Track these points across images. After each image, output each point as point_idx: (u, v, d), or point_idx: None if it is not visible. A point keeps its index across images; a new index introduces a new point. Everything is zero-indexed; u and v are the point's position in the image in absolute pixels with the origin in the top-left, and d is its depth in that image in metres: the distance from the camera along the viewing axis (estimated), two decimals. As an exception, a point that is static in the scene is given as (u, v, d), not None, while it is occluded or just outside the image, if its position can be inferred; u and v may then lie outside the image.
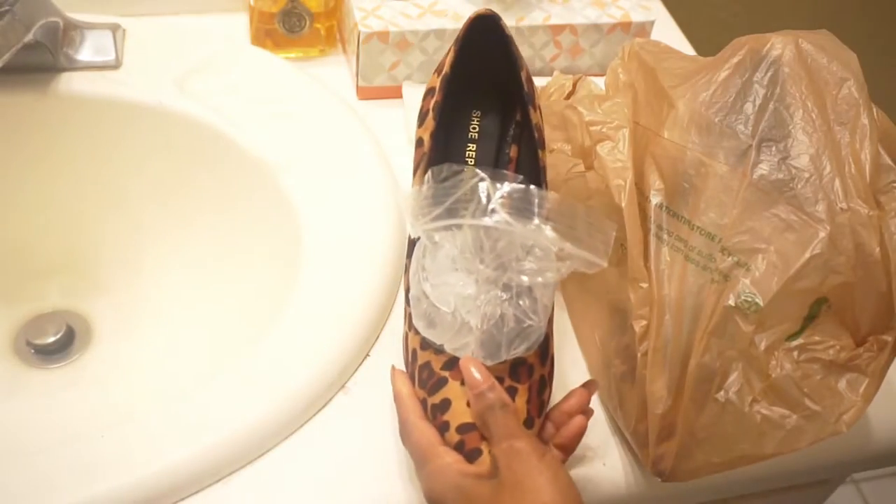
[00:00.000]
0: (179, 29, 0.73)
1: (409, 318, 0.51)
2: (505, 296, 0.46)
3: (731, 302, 0.47)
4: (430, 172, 0.46)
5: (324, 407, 0.53)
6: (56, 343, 0.66)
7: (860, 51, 0.52)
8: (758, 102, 0.50)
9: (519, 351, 0.47)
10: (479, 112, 0.58)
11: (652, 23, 0.76)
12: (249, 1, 0.74)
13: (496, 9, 0.73)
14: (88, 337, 0.68)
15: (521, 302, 0.46)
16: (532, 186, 0.44)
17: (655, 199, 0.51)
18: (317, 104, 0.68)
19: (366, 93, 0.74)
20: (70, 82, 0.66)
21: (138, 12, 0.74)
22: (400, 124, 0.72)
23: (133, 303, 0.69)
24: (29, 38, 0.61)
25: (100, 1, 0.73)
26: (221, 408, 0.51)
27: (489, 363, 0.47)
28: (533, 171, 0.54)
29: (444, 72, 0.54)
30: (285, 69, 0.71)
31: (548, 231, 0.43)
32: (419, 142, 0.54)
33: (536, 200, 0.44)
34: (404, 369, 0.52)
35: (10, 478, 0.47)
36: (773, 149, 0.49)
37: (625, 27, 0.75)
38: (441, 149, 0.56)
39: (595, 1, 0.76)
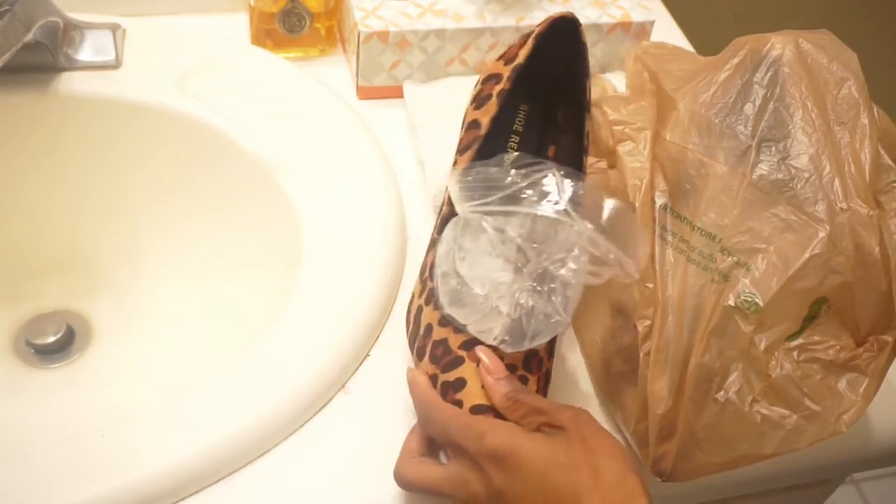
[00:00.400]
0: (179, 29, 0.73)
1: (428, 292, 0.51)
2: (540, 288, 0.46)
3: (731, 302, 0.47)
4: (503, 157, 0.47)
5: (324, 407, 0.53)
6: (56, 343, 0.66)
7: (860, 51, 0.52)
8: (758, 103, 0.50)
9: (538, 342, 0.47)
10: (527, 106, 0.58)
11: (652, 23, 0.76)
12: (249, 1, 0.74)
13: (496, 9, 0.73)
14: (88, 337, 0.68)
15: (553, 297, 0.46)
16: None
17: (660, 200, 0.51)
18: (317, 104, 0.68)
19: (366, 93, 0.74)
20: (70, 82, 0.66)
21: (138, 12, 0.74)
22: (400, 124, 0.72)
23: (133, 303, 0.69)
24: (29, 37, 0.61)
25: (100, 1, 0.73)
26: (221, 408, 0.51)
27: (509, 350, 0.47)
28: None
29: (517, 62, 0.54)
30: (285, 69, 0.71)
31: (601, 235, 0.45)
32: (474, 123, 0.55)
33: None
34: (406, 341, 0.52)
35: (10, 478, 0.47)
36: (773, 149, 0.49)
37: (625, 27, 0.75)
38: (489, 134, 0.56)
39: (595, 1, 0.76)
